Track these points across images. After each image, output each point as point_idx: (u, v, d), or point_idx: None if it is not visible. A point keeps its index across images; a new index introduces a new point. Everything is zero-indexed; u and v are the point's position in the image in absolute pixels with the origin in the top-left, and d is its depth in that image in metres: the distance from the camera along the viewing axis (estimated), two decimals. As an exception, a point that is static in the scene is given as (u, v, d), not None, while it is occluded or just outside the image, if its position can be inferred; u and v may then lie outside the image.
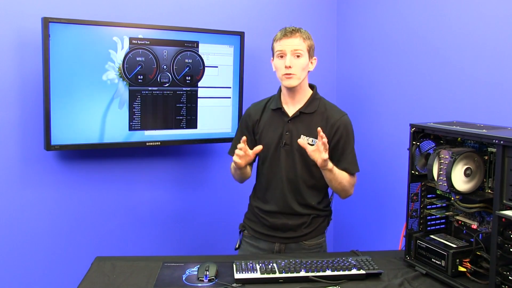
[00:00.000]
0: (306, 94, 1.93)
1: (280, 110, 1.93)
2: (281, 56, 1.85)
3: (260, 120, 1.96)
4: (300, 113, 1.90)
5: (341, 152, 1.89)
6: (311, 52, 1.90)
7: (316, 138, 1.78)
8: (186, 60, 2.54)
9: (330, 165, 1.78)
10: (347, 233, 3.04)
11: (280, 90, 1.98)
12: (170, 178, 2.75)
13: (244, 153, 1.79)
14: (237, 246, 2.03)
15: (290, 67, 1.82)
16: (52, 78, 2.23)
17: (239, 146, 1.78)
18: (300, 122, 1.90)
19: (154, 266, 1.68)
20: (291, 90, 1.89)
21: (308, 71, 1.93)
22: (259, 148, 1.81)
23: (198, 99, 2.60)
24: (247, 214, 2.08)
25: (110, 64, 2.36)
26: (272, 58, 1.95)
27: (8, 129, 2.34)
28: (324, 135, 1.71)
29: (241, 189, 2.23)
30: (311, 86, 1.98)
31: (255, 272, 1.56)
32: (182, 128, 2.58)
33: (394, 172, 2.58)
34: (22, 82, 2.34)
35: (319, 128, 1.72)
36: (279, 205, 1.92)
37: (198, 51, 2.56)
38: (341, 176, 1.85)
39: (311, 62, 1.92)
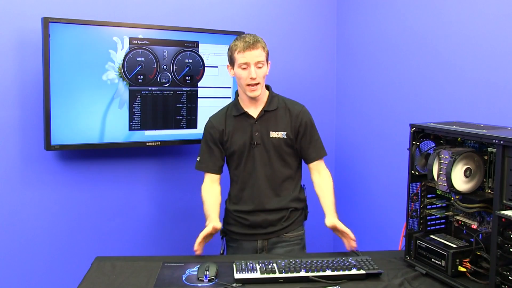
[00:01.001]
0: (265, 95, 2.03)
1: (244, 115, 2.01)
2: (244, 68, 1.92)
3: (226, 128, 2.02)
4: (264, 112, 2.00)
5: (309, 140, 2.03)
6: (267, 58, 2.00)
7: (284, 131, 1.98)
8: (186, 60, 2.54)
9: (335, 215, 1.95)
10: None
11: (237, 97, 2.06)
12: (170, 178, 2.75)
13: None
14: (221, 252, 2.10)
15: (255, 78, 1.91)
16: (52, 78, 2.23)
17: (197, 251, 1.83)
18: (266, 120, 2.00)
19: (154, 266, 1.68)
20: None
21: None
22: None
23: (198, 99, 2.60)
24: (225, 219, 2.13)
25: (110, 64, 2.36)
26: (228, 65, 2.01)
27: (8, 129, 2.34)
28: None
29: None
30: (266, 86, 2.06)
31: (255, 272, 1.56)
32: (182, 128, 2.58)
33: (394, 172, 2.58)
34: (22, 82, 2.34)
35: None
36: (256, 204, 2.00)
37: (198, 51, 2.56)
38: (333, 194, 2.02)
39: (267, 68, 2.00)
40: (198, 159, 2.08)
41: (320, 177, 2.04)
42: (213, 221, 1.89)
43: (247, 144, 1.99)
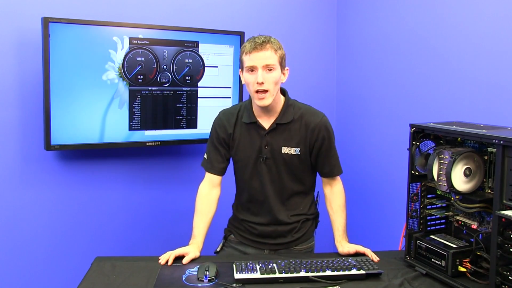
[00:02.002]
0: (279, 104, 1.82)
1: (255, 124, 1.82)
2: (252, 71, 1.73)
3: (234, 133, 1.85)
4: (276, 125, 1.81)
5: (325, 155, 1.85)
6: (283, 63, 1.77)
7: (297, 147, 1.80)
8: (186, 60, 2.54)
9: (345, 238, 1.86)
10: (347, 233, 3.04)
11: (251, 101, 1.85)
12: (170, 178, 2.75)
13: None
14: (218, 250, 1.96)
15: (262, 83, 1.70)
16: (52, 78, 2.23)
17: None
18: (278, 133, 1.81)
19: (154, 266, 1.68)
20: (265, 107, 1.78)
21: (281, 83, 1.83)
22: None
23: (198, 99, 2.60)
24: (233, 221, 2.00)
25: (110, 64, 2.36)
26: (240, 70, 1.83)
27: (8, 129, 2.34)
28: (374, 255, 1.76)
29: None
30: (282, 91, 1.86)
31: (255, 272, 1.56)
32: (182, 128, 2.58)
33: (394, 172, 2.58)
34: (22, 82, 2.34)
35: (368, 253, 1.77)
36: (267, 218, 1.88)
37: (198, 51, 2.56)
38: (345, 213, 1.91)
39: (283, 74, 1.79)
40: (205, 156, 1.92)
41: (332, 192, 1.91)
42: (195, 250, 1.76)
43: (254, 157, 1.82)
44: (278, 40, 1.80)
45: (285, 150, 1.81)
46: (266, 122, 1.82)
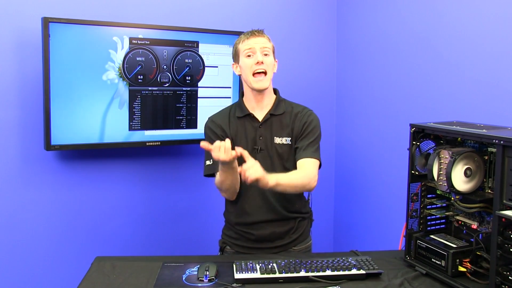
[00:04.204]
0: (272, 97, 1.92)
1: (249, 116, 1.88)
2: (249, 55, 1.82)
3: (230, 130, 1.88)
4: (270, 115, 1.88)
5: (305, 138, 1.84)
6: (274, 53, 1.89)
7: (288, 137, 1.85)
8: (186, 60, 2.54)
9: (271, 181, 1.66)
10: (347, 233, 3.04)
11: (242, 97, 1.93)
12: (170, 178, 2.75)
13: (224, 150, 1.61)
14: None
15: (262, 62, 1.80)
16: (52, 78, 2.23)
17: (221, 144, 1.61)
18: (271, 124, 1.88)
19: (154, 266, 1.68)
20: (260, 93, 1.85)
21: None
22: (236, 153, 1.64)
23: (198, 99, 2.60)
24: (226, 231, 1.99)
25: (110, 64, 2.36)
26: (233, 63, 1.92)
27: (8, 129, 2.34)
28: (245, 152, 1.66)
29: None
30: (274, 90, 1.94)
31: (255, 272, 1.56)
32: (182, 128, 2.58)
33: (394, 172, 2.58)
34: (22, 82, 2.34)
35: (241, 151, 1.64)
36: (264, 213, 1.87)
37: (198, 51, 2.56)
38: (290, 180, 1.75)
39: (274, 64, 1.89)
40: (206, 163, 1.85)
41: (299, 167, 1.80)
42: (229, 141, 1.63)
43: (249, 149, 1.82)
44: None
45: (277, 140, 1.87)
46: (260, 114, 1.89)
